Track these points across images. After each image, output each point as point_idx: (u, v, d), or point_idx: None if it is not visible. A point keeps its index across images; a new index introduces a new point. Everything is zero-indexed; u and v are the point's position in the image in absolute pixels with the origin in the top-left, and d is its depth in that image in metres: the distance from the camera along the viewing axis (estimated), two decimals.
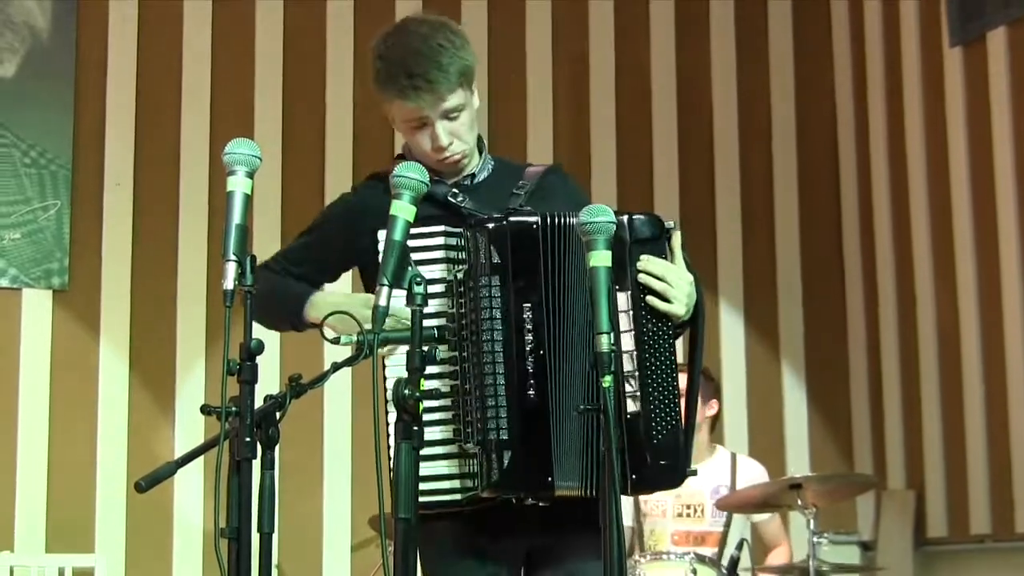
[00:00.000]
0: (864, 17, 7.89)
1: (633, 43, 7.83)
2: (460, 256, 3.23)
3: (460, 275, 3.21)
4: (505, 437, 3.16)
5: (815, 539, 5.59)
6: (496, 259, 3.20)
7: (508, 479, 3.16)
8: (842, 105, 8.02)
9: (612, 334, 2.93)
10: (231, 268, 2.84)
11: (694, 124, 7.85)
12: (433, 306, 3.17)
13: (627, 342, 3.20)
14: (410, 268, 2.90)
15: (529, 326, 3.19)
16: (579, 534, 3.28)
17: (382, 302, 2.85)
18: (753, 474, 6.10)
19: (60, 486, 6.68)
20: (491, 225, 3.22)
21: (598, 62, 7.75)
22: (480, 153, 3.51)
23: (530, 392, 3.18)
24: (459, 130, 3.38)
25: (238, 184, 2.92)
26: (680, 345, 3.34)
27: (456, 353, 3.21)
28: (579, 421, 3.17)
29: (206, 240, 6.98)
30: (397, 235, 2.92)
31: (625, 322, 3.22)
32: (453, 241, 3.24)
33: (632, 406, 3.19)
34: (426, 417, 3.05)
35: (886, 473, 7.56)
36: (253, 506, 2.82)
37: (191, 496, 6.73)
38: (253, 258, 2.88)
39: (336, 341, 2.98)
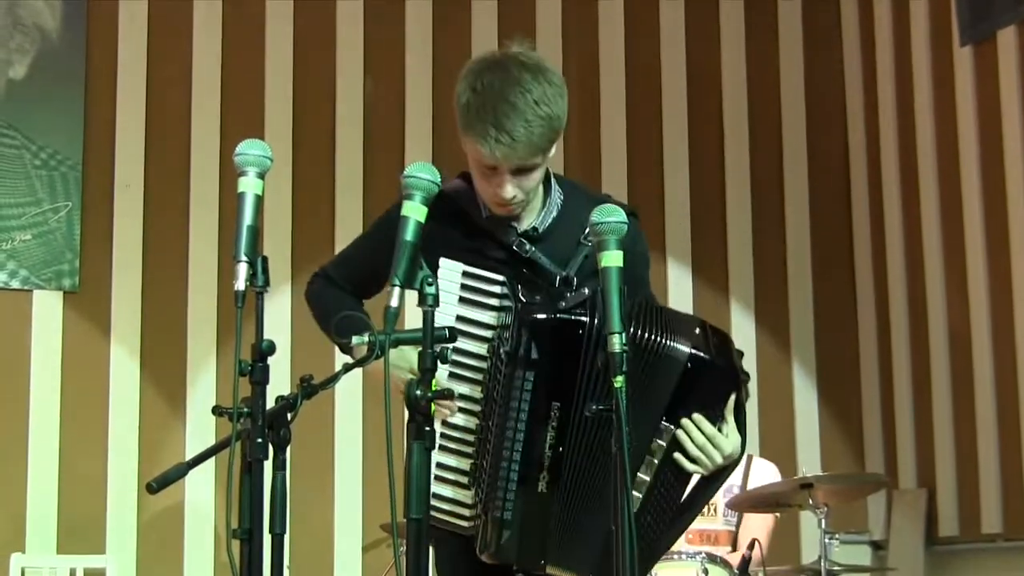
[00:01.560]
0: (874, 17, 7.88)
1: (643, 40, 7.82)
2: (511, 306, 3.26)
3: (504, 347, 3.23)
4: (508, 518, 3.25)
5: (826, 539, 5.58)
6: (534, 355, 3.22)
7: (504, 554, 3.27)
8: (852, 105, 8.01)
9: (623, 334, 2.93)
10: (242, 269, 2.84)
11: (704, 124, 7.84)
12: (473, 346, 3.26)
13: (649, 471, 3.28)
14: (421, 269, 2.90)
15: (554, 423, 3.23)
16: None
17: (393, 303, 2.85)
18: (766, 474, 6.08)
19: (71, 487, 6.68)
20: (536, 317, 3.21)
21: (608, 57, 7.74)
22: (547, 191, 3.46)
23: (541, 484, 3.25)
24: (527, 185, 3.33)
25: (249, 185, 2.92)
26: None
27: (481, 405, 3.27)
28: (595, 521, 3.21)
29: (217, 241, 6.98)
30: (409, 236, 2.92)
31: (658, 455, 3.28)
32: (507, 303, 3.26)
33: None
34: (453, 446, 3.24)
35: (897, 472, 7.55)
36: (265, 507, 2.82)
37: (203, 497, 6.73)
38: (264, 259, 2.87)
39: (348, 342, 2.98)
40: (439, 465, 3.25)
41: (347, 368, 2.94)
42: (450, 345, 2.97)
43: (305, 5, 7.33)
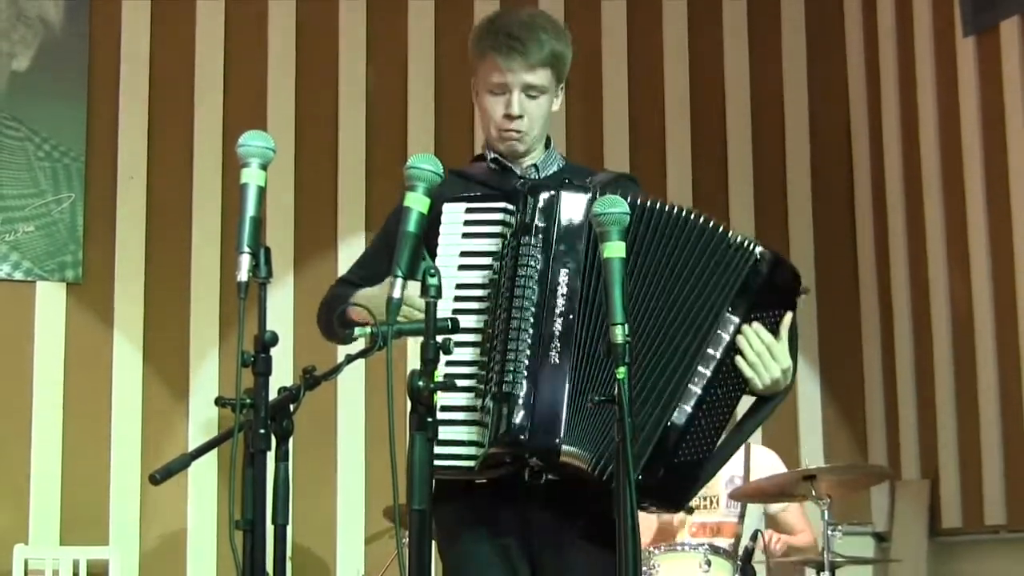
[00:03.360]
0: (877, 7, 7.87)
1: (646, 35, 7.82)
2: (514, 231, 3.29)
3: (507, 238, 3.26)
4: (520, 392, 3.16)
5: (829, 531, 5.58)
6: (541, 222, 3.25)
7: (515, 433, 3.14)
8: (855, 95, 8.01)
9: (626, 325, 2.93)
10: (245, 260, 2.85)
11: (707, 117, 7.84)
12: (478, 277, 3.26)
13: (710, 365, 3.27)
14: (424, 260, 2.90)
15: (563, 290, 3.22)
16: (590, 536, 3.28)
17: (396, 294, 2.86)
18: (767, 463, 6.08)
19: (74, 478, 6.69)
20: (543, 191, 3.27)
21: (611, 58, 7.74)
22: (547, 148, 3.61)
23: (552, 353, 3.19)
24: (533, 111, 3.51)
25: (252, 176, 2.92)
26: None
27: (488, 317, 3.24)
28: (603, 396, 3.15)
29: (219, 232, 6.98)
30: (411, 227, 2.92)
31: (720, 347, 3.28)
32: (511, 220, 3.29)
33: (676, 417, 3.23)
34: (458, 383, 3.12)
35: (900, 463, 7.55)
36: (267, 498, 2.82)
37: (205, 488, 6.74)
38: (267, 250, 2.88)
39: (350, 334, 2.98)
40: (443, 407, 3.11)
41: (349, 359, 2.94)
42: (453, 336, 2.96)
43: None
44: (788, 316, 3.36)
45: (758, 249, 3.34)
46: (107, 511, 6.72)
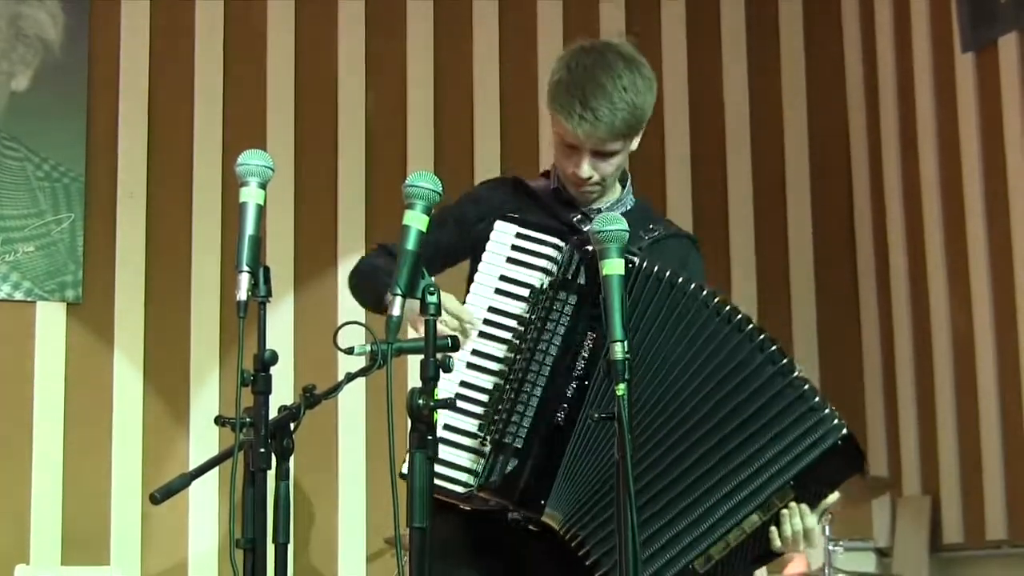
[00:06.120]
0: (875, 23, 7.88)
1: (644, 50, 7.81)
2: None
3: (544, 283, 3.25)
4: (519, 446, 3.18)
5: (831, 546, 5.57)
6: (581, 280, 3.23)
7: (505, 485, 3.18)
8: (854, 111, 8.01)
9: (625, 343, 2.93)
10: (244, 279, 2.85)
11: (706, 132, 7.83)
12: (512, 306, 3.27)
13: (752, 527, 3.24)
14: (423, 278, 2.90)
15: (585, 353, 3.21)
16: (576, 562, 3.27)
17: (395, 312, 2.86)
18: None
19: (75, 499, 6.68)
20: (589, 247, 3.20)
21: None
22: (623, 188, 3.57)
23: (559, 415, 3.19)
24: (605, 169, 3.44)
25: (251, 195, 2.93)
26: None
27: (512, 354, 3.24)
28: (595, 467, 3.18)
29: (219, 251, 6.98)
30: (410, 245, 2.92)
31: (768, 513, 3.25)
32: (559, 259, 3.29)
33: (699, 565, 3.22)
34: (461, 405, 3.19)
35: (901, 479, 7.54)
36: (268, 517, 2.82)
37: (206, 507, 6.73)
38: (266, 269, 2.88)
39: (350, 351, 2.98)
40: (448, 427, 3.20)
41: (349, 377, 2.95)
42: (453, 355, 2.96)
43: (307, 15, 7.34)
44: (832, 497, 3.33)
45: (844, 430, 3.29)
46: (108, 531, 6.72)
